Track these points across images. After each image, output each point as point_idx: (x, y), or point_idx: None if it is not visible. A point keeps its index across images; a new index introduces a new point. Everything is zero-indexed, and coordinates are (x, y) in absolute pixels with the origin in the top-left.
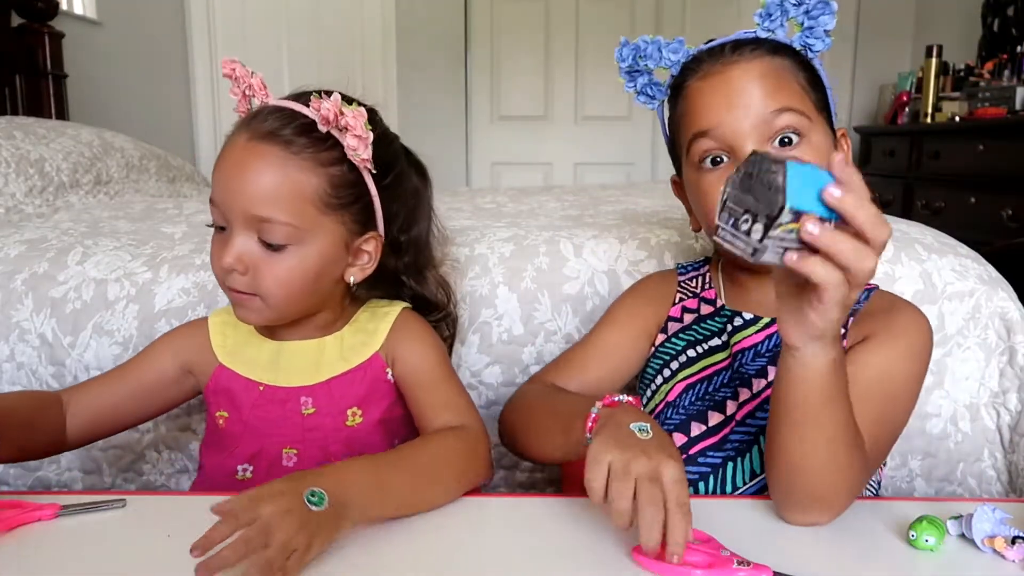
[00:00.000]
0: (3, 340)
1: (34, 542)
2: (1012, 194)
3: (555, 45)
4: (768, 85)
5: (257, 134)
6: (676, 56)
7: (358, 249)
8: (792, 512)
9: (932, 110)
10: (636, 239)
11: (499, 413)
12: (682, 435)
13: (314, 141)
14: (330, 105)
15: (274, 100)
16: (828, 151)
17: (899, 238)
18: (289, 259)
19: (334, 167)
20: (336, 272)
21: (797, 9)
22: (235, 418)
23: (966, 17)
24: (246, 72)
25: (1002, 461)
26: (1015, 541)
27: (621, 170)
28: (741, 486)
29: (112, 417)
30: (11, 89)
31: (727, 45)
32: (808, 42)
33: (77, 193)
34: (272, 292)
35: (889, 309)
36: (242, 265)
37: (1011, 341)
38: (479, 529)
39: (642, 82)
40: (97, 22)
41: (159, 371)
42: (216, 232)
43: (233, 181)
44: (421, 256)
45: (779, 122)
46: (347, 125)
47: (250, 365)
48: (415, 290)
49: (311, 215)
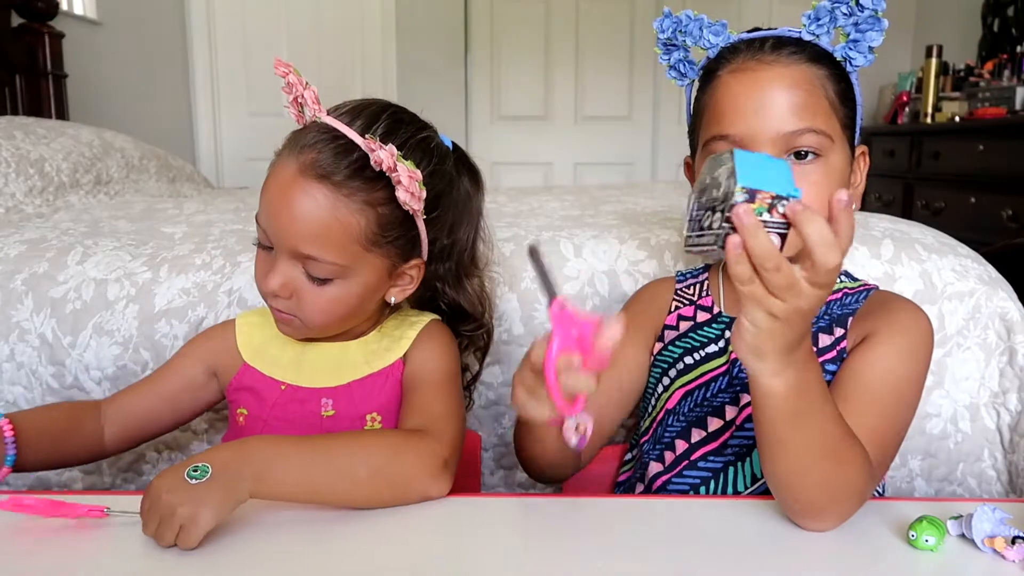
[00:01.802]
0: (3, 340)
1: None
2: (1012, 194)
3: (555, 45)
4: (797, 99)
5: (308, 170)
6: (717, 39)
7: (401, 273)
8: (795, 518)
9: (932, 110)
10: (636, 239)
11: (499, 414)
12: (683, 441)
13: (366, 181)
14: (385, 155)
15: (327, 117)
16: (844, 171)
17: (899, 238)
18: (333, 291)
19: (383, 207)
20: (378, 296)
21: (847, 19)
22: (255, 415)
23: (966, 17)
24: (299, 81)
25: (1002, 461)
26: (1015, 541)
27: (621, 170)
28: (742, 490)
29: (146, 424)
30: (11, 89)
31: (769, 41)
32: (850, 55)
33: (77, 193)
34: (314, 318)
35: (889, 308)
36: (286, 291)
37: (1011, 341)
38: (479, 529)
39: (676, 57)
40: (97, 22)
41: (188, 378)
42: (261, 249)
43: (281, 216)
44: (463, 262)
45: (799, 141)
46: (400, 180)
47: (274, 364)
48: (451, 297)
49: (357, 253)
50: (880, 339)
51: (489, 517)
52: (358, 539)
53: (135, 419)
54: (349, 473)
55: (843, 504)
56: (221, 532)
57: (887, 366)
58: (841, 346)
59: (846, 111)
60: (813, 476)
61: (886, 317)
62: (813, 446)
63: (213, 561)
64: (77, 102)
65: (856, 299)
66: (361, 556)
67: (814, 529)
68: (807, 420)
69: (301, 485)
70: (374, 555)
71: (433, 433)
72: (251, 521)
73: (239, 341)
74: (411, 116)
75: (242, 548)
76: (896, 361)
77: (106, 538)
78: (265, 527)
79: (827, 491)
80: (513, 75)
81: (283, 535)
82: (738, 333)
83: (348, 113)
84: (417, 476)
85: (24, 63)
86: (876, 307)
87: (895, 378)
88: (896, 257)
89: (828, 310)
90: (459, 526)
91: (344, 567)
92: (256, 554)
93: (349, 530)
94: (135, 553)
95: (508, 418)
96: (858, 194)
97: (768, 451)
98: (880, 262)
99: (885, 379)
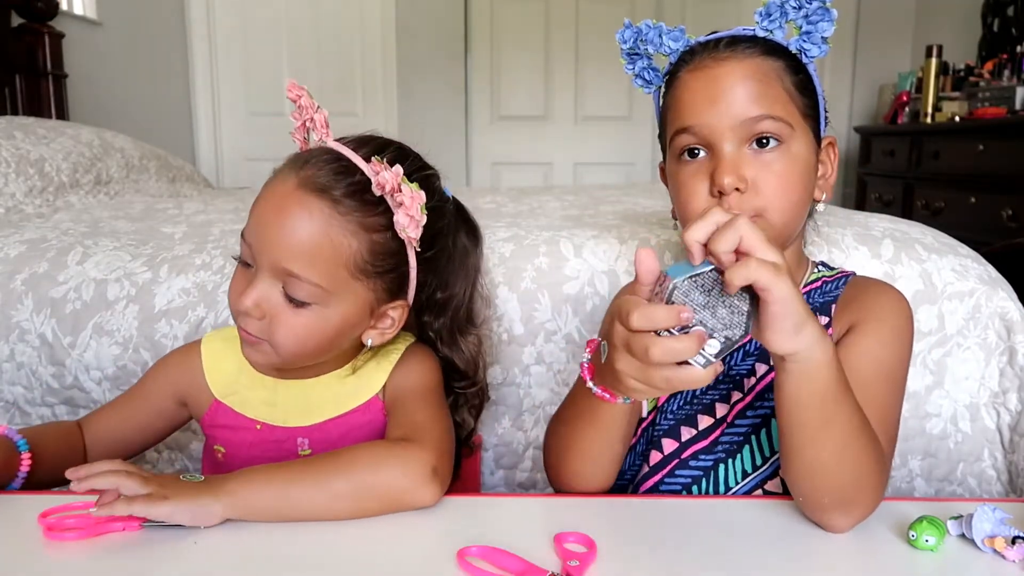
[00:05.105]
0: (3, 340)
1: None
2: (1012, 194)
3: (555, 45)
4: (753, 88)
5: (308, 183)
6: (676, 44)
7: (383, 313)
8: (823, 514)
9: (932, 110)
10: (636, 239)
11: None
12: (673, 440)
13: (364, 204)
14: (389, 176)
15: (333, 143)
16: (808, 160)
17: (899, 238)
18: (309, 316)
19: (378, 234)
20: (355, 334)
21: (797, 12)
22: (232, 453)
23: (966, 17)
24: (311, 104)
25: (1002, 461)
26: (1015, 541)
27: (621, 170)
28: (734, 486)
29: (124, 445)
30: (11, 89)
31: (723, 40)
32: (804, 47)
33: (77, 193)
34: (284, 345)
35: (868, 294)
36: (259, 312)
37: (1011, 341)
38: (479, 529)
39: (640, 65)
40: (97, 22)
41: (158, 409)
42: (240, 265)
43: (271, 228)
44: (458, 319)
45: (758, 127)
46: (402, 203)
47: (246, 402)
48: (445, 354)
49: (342, 278)
50: (866, 329)
51: (489, 517)
52: (357, 540)
53: (113, 443)
54: (330, 488)
55: (871, 492)
56: (222, 531)
57: (877, 354)
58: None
59: (806, 100)
60: (852, 454)
61: (867, 304)
62: (854, 420)
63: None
64: (77, 102)
65: (836, 286)
66: (361, 556)
67: (837, 526)
68: (847, 391)
69: (280, 502)
70: (374, 555)
71: (417, 441)
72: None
73: (207, 373)
74: (416, 154)
75: (241, 548)
76: (884, 350)
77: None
78: (266, 526)
79: (863, 472)
80: (513, 75)
81: (282, 534)
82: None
83: (354, 141)
84: (403, 485)
85: (24, 63)
86: (857, 293)
87: (887, 367)
88: (896, 257)
89: (810, 299)
90: (459, 526)
91: (344, 567)
92: (247, 551)
93: (348, 530)
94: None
95: (508, 418)
96: (828, 184)
97: (810, 439)
98: (880, 262)
99: (878, 371)
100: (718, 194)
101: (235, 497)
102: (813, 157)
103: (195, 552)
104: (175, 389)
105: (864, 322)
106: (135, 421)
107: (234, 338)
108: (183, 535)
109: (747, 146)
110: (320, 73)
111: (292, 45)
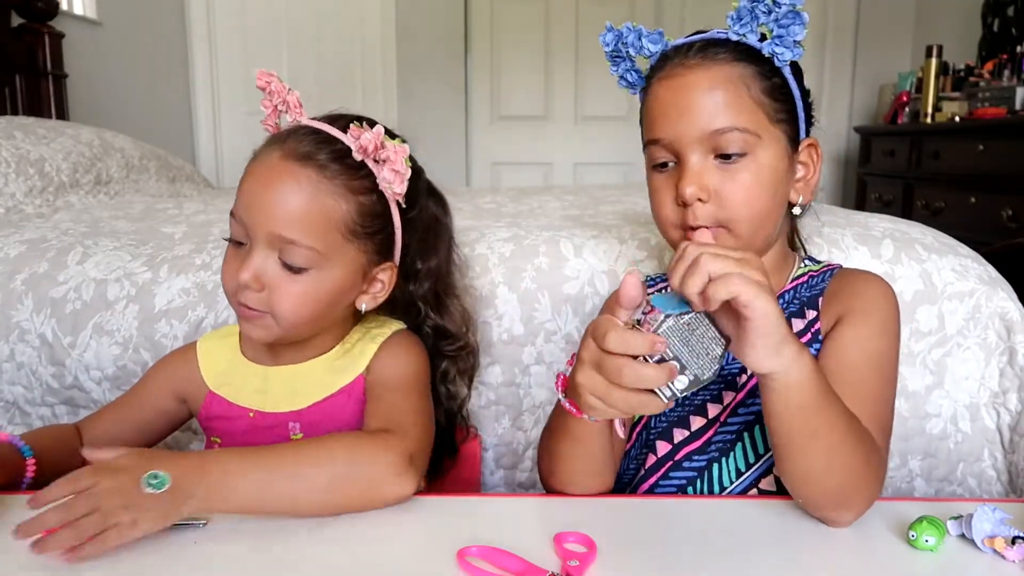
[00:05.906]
0: (3, 340)
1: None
2: (1012, 194)
3: (555, 45)
4: (719, 98)
5: (292, 154)
6: (655, 47)
7: (373, 277)
8: (822, 512)
9: (932, 110)
10: (636, 239)
11: (499, 414)
12: (666, 443)
13: (348, 168)
14: (371, 136)
15: (309, 120)
16: (775, 168)
17: (899, 238)
18: (307, 282)
19: (364, 196)
20: (350, 298)
21: (767, 16)
22: (228, 443)
23: (966, 17)
24: (282, 87)
25: (1002, 461)
26: (1015, 541)
27: (621, 170)
28: (728, 485)
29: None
30: (11, 89)
31: (695, 45)
32: (776, 50)
33: (77, 193)
34: (285, 313)
35: (854, 286)
36: (259, 283)
37: (1011, 341)
38: (479, 529)
39: (623, 68)
40: (97, 22)
41: (158, 408)
42: (232, 246)
43: (262, 198)
44: (441, 285)
45: (722, 140)
46: (387, 158)
47: (239, 392)
48: (436, 320)
49: (335, 241)
50: (853, 321)
51: (489, 517)
52: (357, 539)
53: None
54: (307, 479)
55: (866, 488)
56: (222, 532)
57: (866, 346)
58: (815, 328)
59: (778, 105)
60: (840, 460)
61: (854, 296)
62: (839, 427)
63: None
64: (77, 102)
65: (822, 279)
66: (360, 556)
67: (840, 522)
68: (831, 401)
69: (260, 495)
70: (374, 555)
71: (396, 431)
72: (246, 518)
73: (202, 368)
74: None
75: (241, 548)
76: (873, 341)
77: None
78: (266, 525)
79: (853, 474)
80: (513, 75)
81: (281, 534)
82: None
83: (327, 118)
84: (379, 475)
85: (24, 63)
86: (843, 285)
87: (876, 358)
88: (896, 257)
89: (797, 294)
90: (459, 526)
91: (344, 567)
92: (249, 551)
93: (348, 530)
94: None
95: (508, 418)
96: (810, 187)
97: (798, 449)
98: (880, 262)
99: (868, 361)
100: (682, 204)
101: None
102: (784, 163)
103: (195, 552)
104: (174, 386)
105: (851, 314)
106: (134, 422)
107: (229, 335)
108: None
109: (713, 156)
110: (320, 73)
111: (292, 45)
